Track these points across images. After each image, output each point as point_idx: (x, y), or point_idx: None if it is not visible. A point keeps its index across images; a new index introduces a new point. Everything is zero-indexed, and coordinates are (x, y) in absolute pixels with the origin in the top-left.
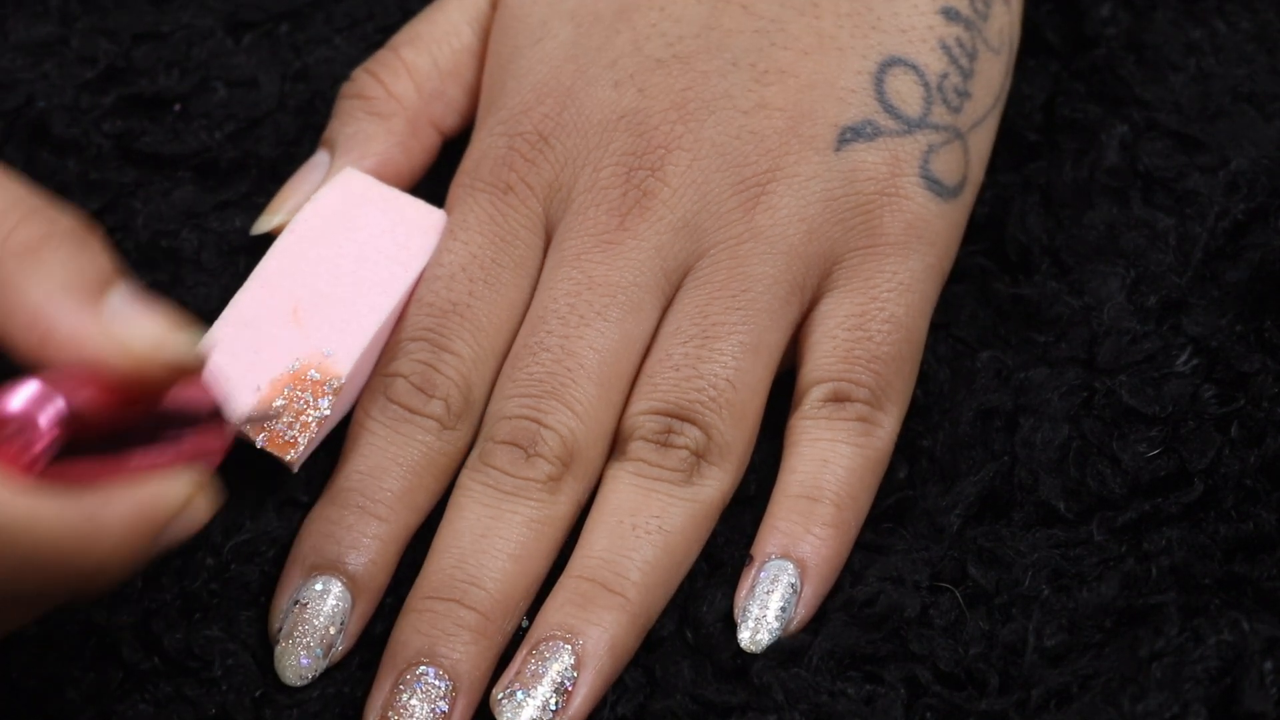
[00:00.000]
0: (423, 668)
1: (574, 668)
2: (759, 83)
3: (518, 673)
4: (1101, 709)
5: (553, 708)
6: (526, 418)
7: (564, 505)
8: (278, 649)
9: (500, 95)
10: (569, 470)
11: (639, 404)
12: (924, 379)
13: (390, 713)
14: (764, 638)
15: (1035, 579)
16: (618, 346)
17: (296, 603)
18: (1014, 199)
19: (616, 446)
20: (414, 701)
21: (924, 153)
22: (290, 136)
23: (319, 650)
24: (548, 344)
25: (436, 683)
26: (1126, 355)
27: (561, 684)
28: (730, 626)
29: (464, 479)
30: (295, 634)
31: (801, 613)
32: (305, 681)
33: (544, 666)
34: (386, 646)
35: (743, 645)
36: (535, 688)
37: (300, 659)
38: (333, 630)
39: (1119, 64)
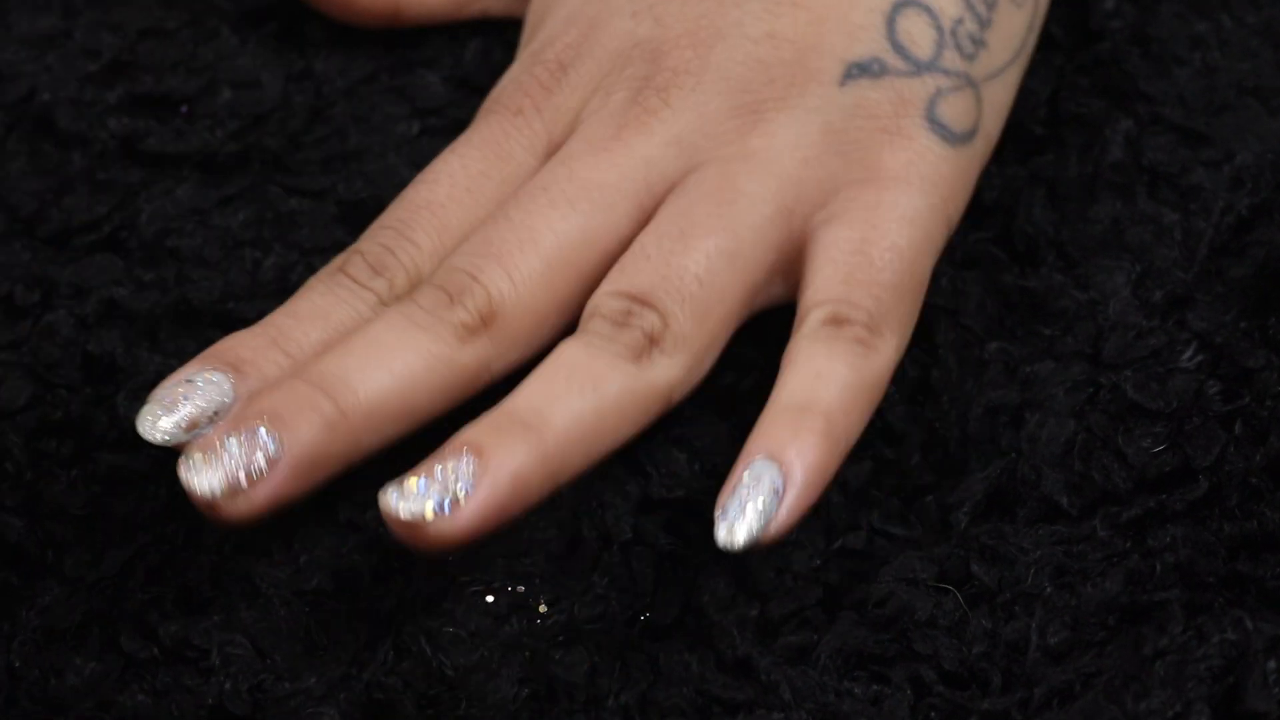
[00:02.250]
0: (261, 427)
1: (473, 478)
2: (771, 13)
3: (421, 468)
4: (1104, 707)
5: (442, 508)
6: (465, 271)
7: (468, 357)
8: (145, 407)
9: (538, 29)
10: (486, 329)
11: (605, 286)
12: (934, 364)
13: (209, 451)
14: (740, 537)
15: (1038, 576)
16: (577, 237)
17: (188, 380)
18: (1021, 190)
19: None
20: (234, 446)
21: (931, 95)
22: (295, 129)
23: (184, 420)
24: (512, 215)
25: (265, 440)
26: (1132, 350)
27: (454, 493)
28: (736, 620)
29: (384, 310)
30: (170, 400)
31: (782, 515)
32: (156, 440)
33: (445, 473)
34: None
35: (719, 543)
36: (431, 485)
37: (161, 418)
38: (206, 418)
39: (1124, 58)
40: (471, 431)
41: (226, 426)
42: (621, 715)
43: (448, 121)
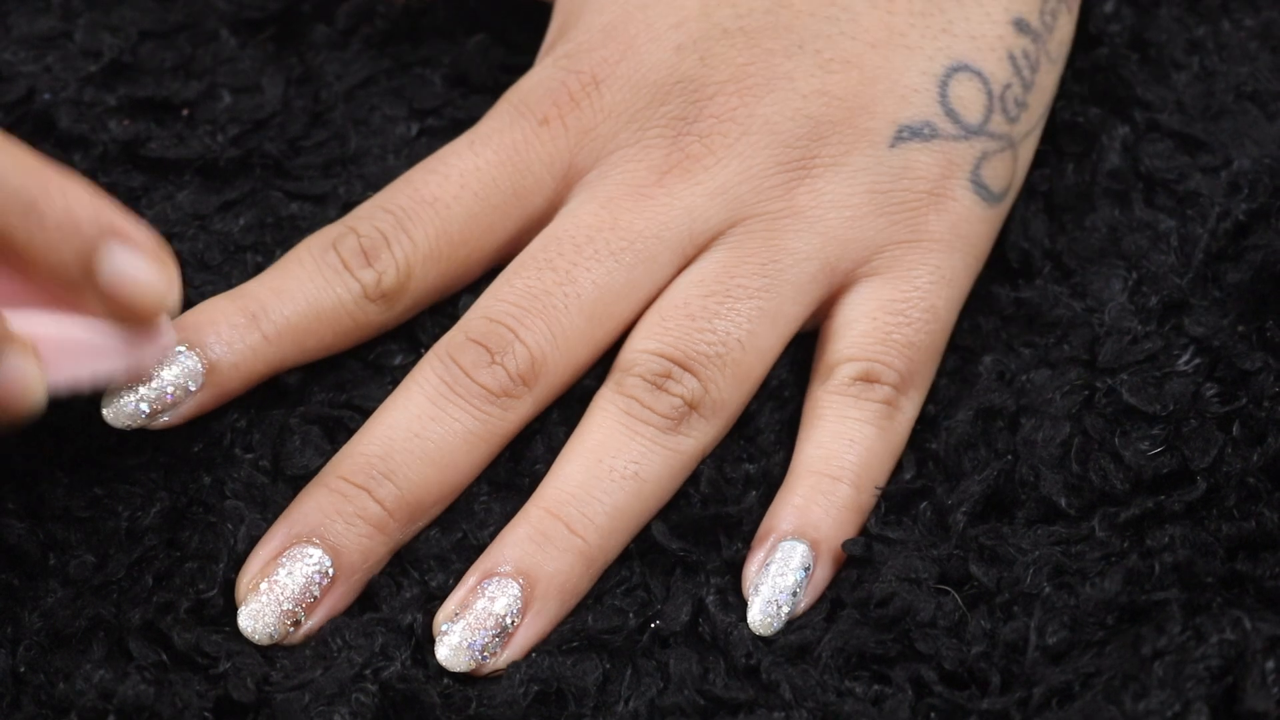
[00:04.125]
0: (309, 548)
1: (520, 611)
2: (823, 69)
3: (463, 605)
4: (1103, 707)
5: (491, 650)
6: (506, 325)
7: (510, 423)
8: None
9: (571, 28)
10: (528, 390)
11: (646, 340)
12: (934, 393)
13: (263, 581)
14: (774, 623)
15: (1036, 576)
16: (620, 290)
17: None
18: (1017, 206)
19: (613, 374)
20: (288, 579)
21: (977, 159)
22: (295, 133)
23: (147, 404)
24: (556, 264)
25: (317, 565)
26: (1128, 355)
27: (505, 625)
28: (742, 621)
29: (424, 364)
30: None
31: (810, 595)
32: (122, 425)
33: (490, 605)
34: (288, 508)
35: (752, 626)
36: (479, 627)
37: (127, 401)
38: (173, 398)
39: (1121, 63)
40: (515, 548)
41: (278, 549)
42: (630, 719)
43: (446, 122)
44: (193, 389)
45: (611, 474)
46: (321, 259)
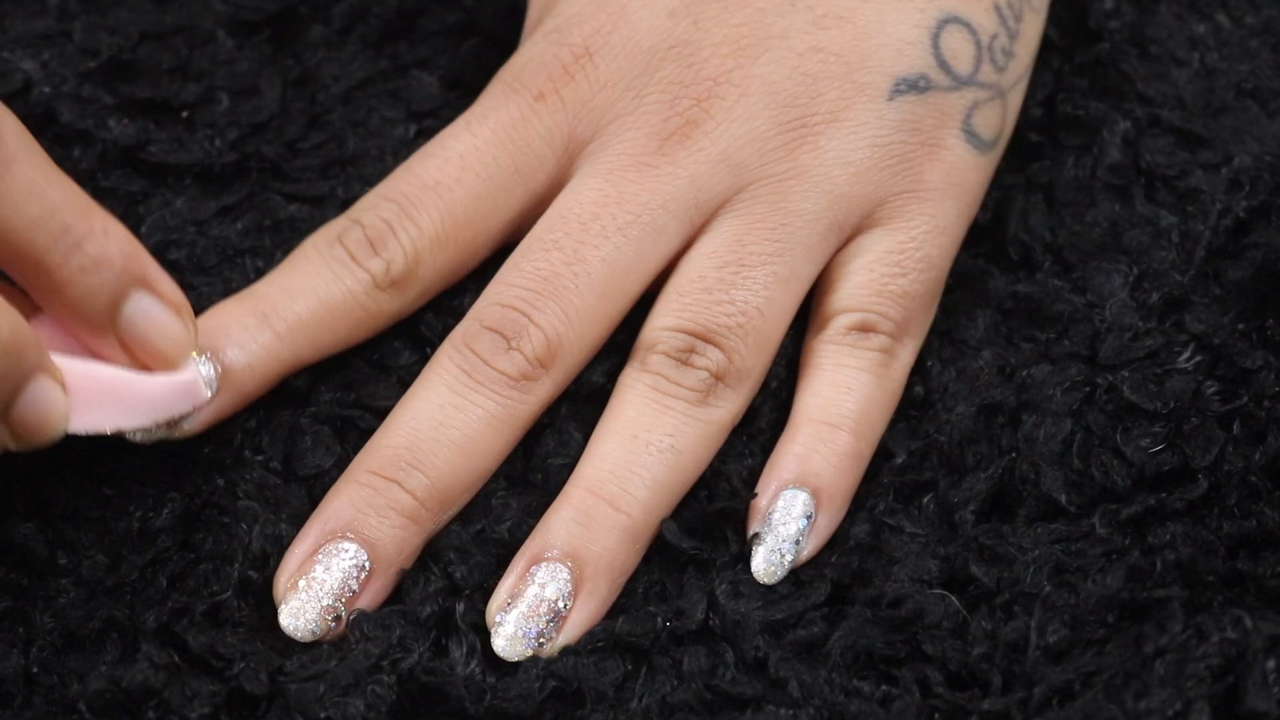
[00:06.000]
0: (345, 543)
1: (570, 594)
2: (816, 25)
3: (514, 593)
4: (1104, 706)
5: (547, 635)
6: (519, 310)
7: (531, 406)
8: None
9: (557, 3)
10: (546, 372)
11: (666, 318)
12: (927, 378)
13: (301, 579)
14: (778, 570)
15: (1036, 575)
16: (629, 264)
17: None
18: (1016, 199)
19: (635, 354)
20: (326, 574)
21: (968, 109)
22: (293, 136)
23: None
24: (563, 244)
25: (354, 559)
26: (1129, 352)
27: (558, 610)
28: (749, 617)
29: (441, 355)
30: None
31: (813, 543)
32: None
33: (541, 591)
34: (319, 506)
35: (756, 575)
36: (532, 614)
37: None
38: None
39: (1122, 59)
40: (560, 530)
41: (313, 547)
42: (642, 717)
43: (443, 123)
44: (209, 395)
45: (648, 448)
46: (328, 253)
